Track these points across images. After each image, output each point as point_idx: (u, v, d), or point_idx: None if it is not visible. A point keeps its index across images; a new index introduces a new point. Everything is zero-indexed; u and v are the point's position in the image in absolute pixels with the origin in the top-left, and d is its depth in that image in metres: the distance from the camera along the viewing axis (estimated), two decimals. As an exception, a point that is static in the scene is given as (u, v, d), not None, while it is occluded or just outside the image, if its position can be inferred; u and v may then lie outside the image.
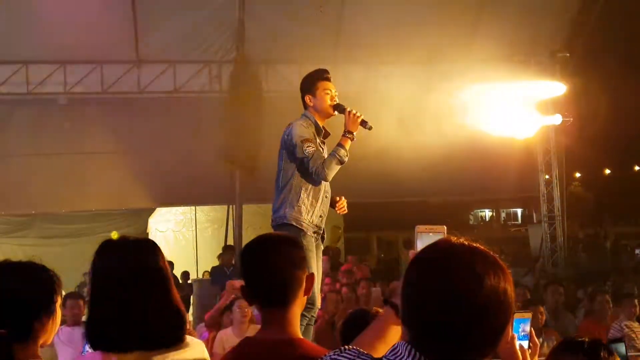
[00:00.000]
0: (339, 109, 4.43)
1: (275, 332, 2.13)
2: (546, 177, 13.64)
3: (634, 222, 28.00)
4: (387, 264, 19.61)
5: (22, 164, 12.58)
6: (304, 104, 4.49)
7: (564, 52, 12.83)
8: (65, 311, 5.92)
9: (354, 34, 11.53)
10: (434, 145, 10.99)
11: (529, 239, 16.23)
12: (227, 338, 5.95)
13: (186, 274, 13.52)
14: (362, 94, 11.22)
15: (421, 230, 2.14)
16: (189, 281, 12.94)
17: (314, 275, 2.25)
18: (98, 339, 2.03)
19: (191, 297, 11.34)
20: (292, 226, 4.27)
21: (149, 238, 2.20)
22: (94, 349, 2.03)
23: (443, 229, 2.12)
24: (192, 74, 12.03)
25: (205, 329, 6.68)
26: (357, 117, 4.35)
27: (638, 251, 18.65)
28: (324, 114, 4.47)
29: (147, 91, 11.92)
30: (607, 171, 34.23)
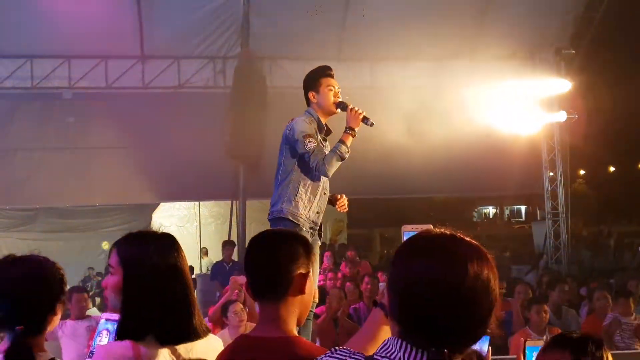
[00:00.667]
0: (341, 106, 4.42)
1: (270, 330, 2.10)
2: (550, 174, 13.61)
3: (638, 221, 27.90)
4: (389, 260, 19.54)
5: (26, 158, 12.63)
6: (307, 101, 4.48)
7: (569, 49, 12.82)
8: (70, 305, 5.92)
9: (359, 31, 11.52)
10: (439, 142, 10.99)
11: (533, 236, 16.16)
12: (224, 339, 5.93)
13: (190, 269, 13.52)
14: (367, 90, 11.25)
15: (407, 229, 2.16)
16: (192, 276, 12.95)
17: (310, 273, 2.19)
18: (133, 330, 2.04)
19: (195, 292, 11.35)
20: (288, 220, 4.25)
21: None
22: (121, 339, 2.03)
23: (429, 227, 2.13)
24: (196, 69, 12.04)
25: (209, 324, 6.69)
26: (358, 113, 4.33)
27: (641, 249, 18.58)
28: (326, 111, 4.45)
29: (152, 86, 11.93)
30: (612, 169, 34.18)
